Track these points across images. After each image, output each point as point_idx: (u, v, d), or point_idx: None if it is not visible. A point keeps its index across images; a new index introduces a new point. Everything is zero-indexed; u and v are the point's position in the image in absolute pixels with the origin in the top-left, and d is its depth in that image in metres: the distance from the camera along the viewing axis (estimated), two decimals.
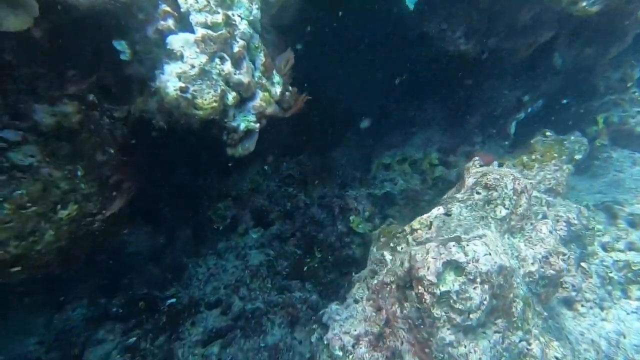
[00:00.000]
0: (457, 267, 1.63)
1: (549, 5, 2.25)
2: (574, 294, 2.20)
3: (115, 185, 1.59)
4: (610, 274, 2.41)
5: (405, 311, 1.86)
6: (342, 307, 2.38)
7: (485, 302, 1.55)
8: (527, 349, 1.62)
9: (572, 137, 2.63)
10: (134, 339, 2.63)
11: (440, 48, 3.15)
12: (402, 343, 1.87)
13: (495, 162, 2.46)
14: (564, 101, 3.59)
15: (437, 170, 3.90)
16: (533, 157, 2.57)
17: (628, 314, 2.29)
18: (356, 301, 2.38)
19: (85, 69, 1.47)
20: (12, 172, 1.26)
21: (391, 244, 2.52)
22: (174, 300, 3.12)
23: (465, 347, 1.60)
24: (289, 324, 3.29)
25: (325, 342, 2.18)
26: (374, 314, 2.17)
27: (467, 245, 1.61)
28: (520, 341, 1.62)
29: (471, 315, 1.56)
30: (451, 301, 1.58)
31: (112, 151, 1.49)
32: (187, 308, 3.17)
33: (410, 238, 2.02)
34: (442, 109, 4.37)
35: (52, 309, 2.86)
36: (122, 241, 3.40)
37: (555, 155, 2.48)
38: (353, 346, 2.09)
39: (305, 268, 3.80)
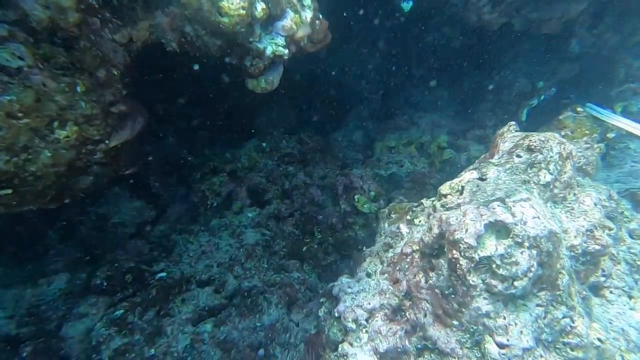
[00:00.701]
0: (499, 230, 1.44)
1: None
2: (602, 279, 2.06)
3: (120, 115, 1.34)
4: (638, 262, 2.28)
5: (431, 281, 1.67)
6: (353, 280, 2.18)
7: (532, 269, 1.37)
8: (571, 326, 1.46)
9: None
10: (121, 311, 2.36)
11: (461, 18, 2.97)
12: (425, 315, 1.69)
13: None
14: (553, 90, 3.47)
15: (446, 153, 3.75)
16: (562, 133, 2.43)
17: None
18: (369, 275, 2.18)
19: None
20: None
21: (407, 217, 2.34)
22: (164, 274, 2.86)
23: (504, 318, 1.42)
24: (286, 304, 3.07)
25: (337, 315, 1.97)
26: (390, 287, 1.97)
27: (514, 205, 1.43)
28: (563, 317, 1.46)
29: (516, 283, 1.38)
30: (494, 266, 1.39)
31: (115, 72, 1.24)
32: (177, 283, 2.91)
33: (438, 204, 1.83)
34: (452, 92, 4.23)
35: (24, 283, 2.56)
36: (106, 210, 3.12)
37: (587, 132, 2.35)
38: (367, 320, 1.90)
39: (305, 248, 3.59)
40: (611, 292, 2.07)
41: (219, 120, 3.82)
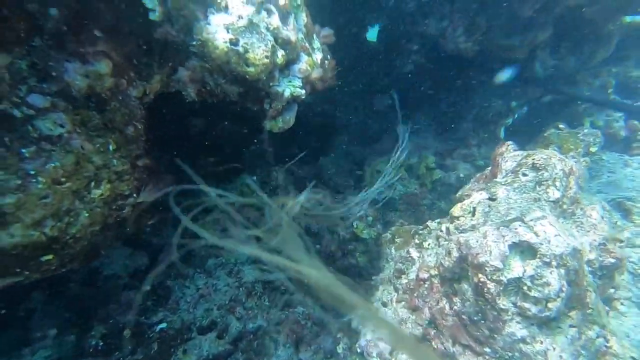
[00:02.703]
0: (523, 251, 1.43)
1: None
2: (612, 290, 2.08)
3: (145, 169, 1.26)
4: (639, 271, 2.34)
5: (456, 307, 1.62)
6: None
7: (564, 289, 1.35)
8: (606, 346, 1.43)
9: (586, 130, 2.64)
10: None
11: (439, 47, 3.12)
12: (453, 344, 1.62)
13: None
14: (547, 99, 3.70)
15: (435, 173, 3.82)
16: (550, 149, 2.52)
17: None
18: (384, 304, 2.10)
19: (111, 30, 1.18)
20: (41, 143, 0.94)
21: (416, 241, 2.30)
22: (164, 325, 2.63)
23: (541, 343, 1.38)
24: (294, 342, 2.89)
25: (359, 351, 1.85)
26: (410, 315, 1.90)
27: (535, 225, 1.43)
28: (597, 337, 1.43)
29: (549, 305, 1.35)
30: (525, 288, 1.37)
31: (140, 127, 1.18)
32: (178, 333, 2.68)
33: (452, 227, 1.81)
34: (433, 115, 4.38)
35: (6, 355, 2.27)
36: (97, 262, 2.89)
37: (572, 147, 2.46)
38: (390, 353, 1.79)
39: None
40: (622, 303, 2.09)
41: (209, 157, 3.72)
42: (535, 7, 2.49)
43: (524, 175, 1.75)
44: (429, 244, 2.22)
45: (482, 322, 1.51)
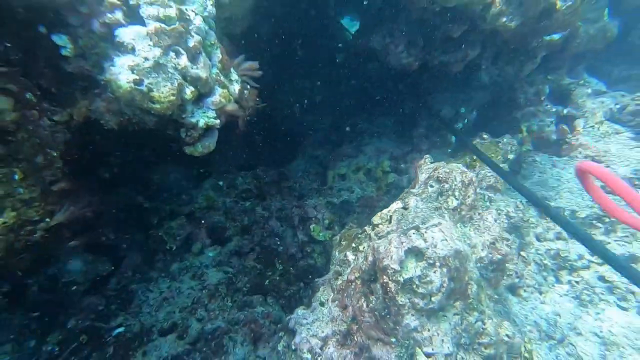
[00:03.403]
0: (417, 254, 1.68)
1: (475, 22, 2.55)
2: (517, 280, 2.39)
3: (62, 193, 1.42)
4: (545, 262, 2.65)
5: (371, 304, 1.87)
6: (308, 311, 2.32)
7: (444, 285, 1.61)
8: (483, 328, 1.70)
9: (505, 139, 2.93)
10: None
11: (385, 62, 3.37)
12: (369, 338, 1.86)
13: (443, 162, 2.64)
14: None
15: (390, 177, 4.08)
16: (474, 157, 2.81)
17: (561, 296, 2.52)
18: (322, 304, 2.33)
19: (21, 65, 1.34)
20: None
21: (353, 245, 2.55)
22: (122, 329, 2.80)
23: (428, 330, 1.64)
24: (252, 341, 3.10)
25: (293, 348, 2.09)
26: (340, 313, 2.14)
27: (426, 232, 1.68)
28: (476, 321, 1.70)
29: (433, 298, 1.61)
30: (414, 286, 1.62)
31: (55, 154, 1.34)
32: (137, 336, 2.86)
33: (372, 234, 2.05)
34: (390, 121, 4.64)
35: None
36: (56, 270, 3.02)
37: (492, 155, 2.74)
38: (321, 348, 2.03)
39: (267, 282, 3.66)
40: (525, 290, 2.40)
41: (172, 164, 3.88)
42: (462, 28, 2.75)
43: (431, 186, 2.01)
44: (363, 247, 2.47)
45: (388, 316, 1.76)
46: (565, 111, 3.78)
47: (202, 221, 4.01)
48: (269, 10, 2.88)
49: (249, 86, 1.68)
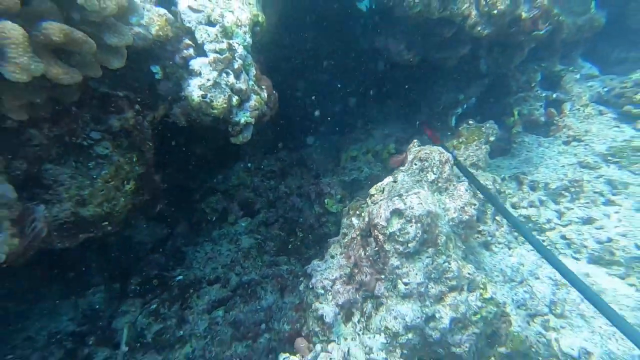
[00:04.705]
0: (399, 214, 2.25)
1: (461, 26, 2.95)
2: (489, 238, 2.91)
3: (152, 171, 2.06)
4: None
5: (367, 253, 2.46)
6: (321, 262, 2.95)
7: (418, 235, 2.17)
8: (448, 267, 2.26)
9: (487, 124, 3.35)
10: (154, 306, 3.07)
11: (389, 58, 3.82)
12: (366, 276, 2.47)
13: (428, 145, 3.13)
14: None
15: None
16: (460, 140, 3.27)
17: (528, 251, 3.02)
18: (332, 257, 2.96)
19: (136, 89, 1.96)
20: (97, 159, 1.73)
21: (357, 212, 3.14)
22: (181, 277, 3.56)
23: (406, 268, 2.22)
24: (279, 290, 3.81)
25: (310, 287, 2.74)
26: (345, 262, 2.76)
27: (406, 198, 2.24)
28: (443, 262, 2.26)
29: (409, 245, 2.18)
30: (396, 237, 2.20)
31: (151, 144, 1.97)
32: (192, 284, 3.62)
33: (369, 201, 2.63)
34: (396, 108, 5.08)
35: (74, 296, 3.23)
36: (129, 232, 3.80)
37: (476, 138, 3.20)
38: (331, 286, 2.67)
39: (290, 246, 4.33)
40: (496, 247, 2.93)
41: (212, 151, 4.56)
42: (452, 30, 3.16)
43: (415, 164, 2.54)
44: (363, 213, 3.05)
45: (379, 259, 2.35)
46: (554, 95, 4.11)
47: (235, 197, 4.71)
48: (289, 27, 3.39)
49: (274, 92, 2.24)
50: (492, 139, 3.27)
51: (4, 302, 2.77)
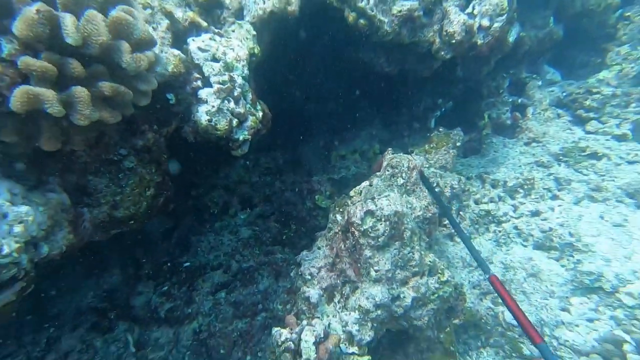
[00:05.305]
0: (371, 213, 2.69)
1: (429, 50, 3.33)
2: (453, 231, 3.37)
3: (168, 179, 2.47)
4: (478, 218, 3.61)
5: (346, 245, 2.91)
6: (310, 252, 3.40)
7: (386, 232, 2.61)
8: (412, 257, 2.72)
9: (455, 131, 3.76)
10: (166, 288, 3.53)
11: (372, 68, 4.19)
12: (345, 264, 2.93)
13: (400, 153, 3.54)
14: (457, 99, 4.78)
15: (378, 157, 4.99)
16: (432, 145, 3.69)
17: (486, 240, 3.49)
18: (319, 248, 3.40)
19: (155, 111, 2.35)
20: (125, 171, 2.13)
21: (341, 210, 3.57)
22: (188, 263, 4.01)
23: (377, 258, 2.68)
24: (274, 276, 4.28)
25: (300, 273, 3.20)
26: (329, 253, 3.21)
27: (377, 200, 2.68)
28: (408, 253, 2.71)
29: (379, 239, 2.63)
30: (369, 232, 2.64)
31: (165, 156, 2.36)
32: (198, 270, 4.08)
33: (349, 202, 3.06)
34: (380, 112, 5.46)
35: (94, 276, 3.67)
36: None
37: (444, 144, 3.61)
38: (317, 273, 3.13)
39: (284, 237, 4.79)
40: (458, 238, 3.38)
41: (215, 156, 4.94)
42: (423, 51, 3.53)
43: (387, 171, 2.96)
44: (345, 212, 3.48)
45: (355, 251, 2.80)
46: (519, 100, 4.52)
47: (235, 192, 5.13)
48: (283, 49, 3.74)
49: (267, 110, 2.62)
50: (458, 144, 3.69)
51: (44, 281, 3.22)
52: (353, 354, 2.63)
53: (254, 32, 2.57)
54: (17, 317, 1.81)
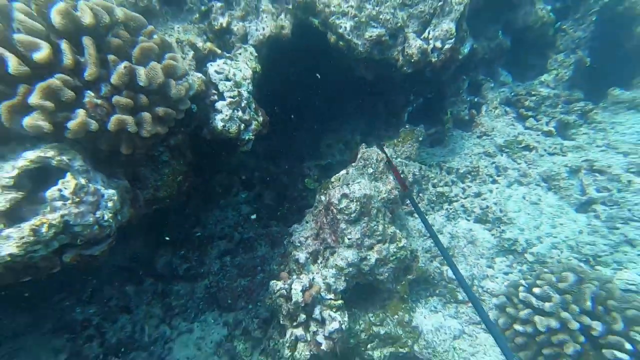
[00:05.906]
0: (346, 196, 3.48)
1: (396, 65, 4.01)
2: (413, 209, 4.20)
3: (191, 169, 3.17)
4: (434, 199, 4.45)
5: (327, 220, 3.72)
6: (299, 225, 4.21)
7: (357, 210, 3.41)
8: (377, 229, 3.55)
9: (418, 128, 4.52)
10: (183, 252, 4.33)
11: (354, 74, 4.86)
12: (326, 234, 3.75)
13: (372, 148, 4.29)
14: (429, 96, 5.51)
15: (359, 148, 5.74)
16: (400, 139, 4.46)
17: (440, 217, 4.35)
18: (307, 222, 4.21)
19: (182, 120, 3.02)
20: (162, 163, 2.83)
21: (324, 191, 4.36)
22: (199, 233, 4.80)
23: (350, 230, 3.50)
24: (271, 244, 5.11)
25: (291, 242, 4.02)
26: (314, 226, 4.02)
27: (351, 186, 3.46)
28: (374, 226, 3.54)
29: (352, 215, 3.44)
30: (344, 210, 3.45)
31: (189, 151, 3.06)
32: (207, 239, 4.87)
33: (330, 186, 3.85)
34: (362, 107, 6.15)
35: (121, 242, 4.42)
36: None
37: (409, 139, 4.38)
38: (304, 241, 3.95)
39: (279, 213, 5.58)
40: (416, 215, 4.22)
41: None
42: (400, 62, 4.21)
43: (360, 162, 3.73)
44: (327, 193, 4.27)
45: (334, 224, 3.61)
46: (475, 99, 5.27)
47: (236, 174, 5.85)
48: (279, 59, 4.35)
49: (265, 116, 3.33)
50: (421, 139, 4.46)
51: None
52: (330, 299, 3.51)
53: (256, 54, 3.20)
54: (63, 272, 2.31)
